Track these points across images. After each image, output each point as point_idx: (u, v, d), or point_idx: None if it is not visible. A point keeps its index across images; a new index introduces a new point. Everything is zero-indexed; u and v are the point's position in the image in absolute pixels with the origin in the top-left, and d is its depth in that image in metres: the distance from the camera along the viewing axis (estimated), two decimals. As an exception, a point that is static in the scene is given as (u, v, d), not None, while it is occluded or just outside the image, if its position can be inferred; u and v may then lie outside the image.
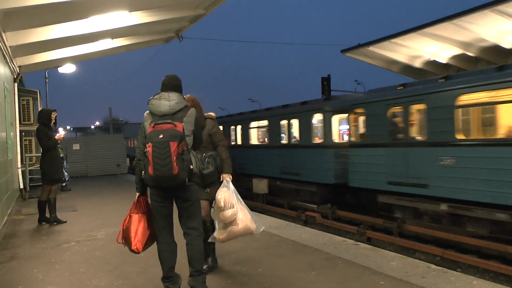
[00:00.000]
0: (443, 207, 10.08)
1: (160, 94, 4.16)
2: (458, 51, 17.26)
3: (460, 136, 9.76)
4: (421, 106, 10.77)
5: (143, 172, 3.97)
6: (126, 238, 4.24)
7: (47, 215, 8.85)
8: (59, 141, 8.98)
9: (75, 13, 8.93)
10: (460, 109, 9.90)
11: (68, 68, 17.31)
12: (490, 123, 10.12)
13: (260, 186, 15.81)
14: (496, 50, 16.04)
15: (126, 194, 13.95)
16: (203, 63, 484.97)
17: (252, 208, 14.79)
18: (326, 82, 23.44)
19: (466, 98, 9.68)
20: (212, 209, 4.78)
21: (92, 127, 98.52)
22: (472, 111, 10.35)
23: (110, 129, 40.73)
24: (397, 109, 11.46)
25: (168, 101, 4.06)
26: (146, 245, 4.26)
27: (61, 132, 17.07)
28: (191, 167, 3.98)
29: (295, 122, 15.87)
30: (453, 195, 9.64)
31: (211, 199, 4.98)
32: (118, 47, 13.63)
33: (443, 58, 18.45)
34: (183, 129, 3.94)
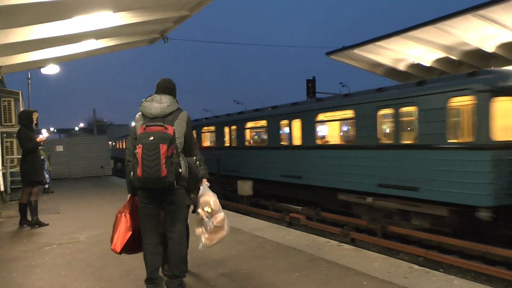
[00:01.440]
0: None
1: (153, 97, 4.19)
2: (441, 54, 17.52)
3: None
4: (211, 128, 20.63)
5: (131, 173, 3.97)
6: (112, 237, 4.27)
7: (29, 217, 8.72)
8: (41, 143, 8.85)
9: (58, 13, 8.80)
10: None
11: (51, 69, 17.00)
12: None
13: (245, 188, 15.80)
14: (478, 54, 16.34)
15: (110, 196, 13.82)
16: (188, 64, 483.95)
17: (236, 210, 14.77)
18: (311, 84, 23.57)
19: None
20: (197, 214, 4.73)
21: (76, 128, 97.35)
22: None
23: (94, 131, 40.28)
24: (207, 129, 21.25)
25: (159, 104, 4.09)
26: (128, 247, 4.24)
27: (44, 134, 16.81)
28: (180, 170, 3.99)
29: None
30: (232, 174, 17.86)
31: (193, 204, 4.97)
32: (102, 48, 13.48)
33: (427, 61, 18.72)
34: (174, 132, 3.95)
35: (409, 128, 10.51)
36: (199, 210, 4.49)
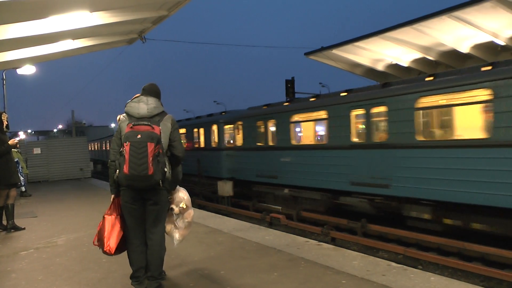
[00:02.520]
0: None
1: (139, 98, 4.26)
2: (418, 55, 17.78)
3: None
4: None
5: (117, 171, 4.01)
6: (100, 240, 4.24)
7: (4, 222, 8.54)
8: (17, 145, 8.69)
9: (33, 12, 8.64)
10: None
11: (27, 70, 16.71)
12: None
13: (225, 188, 15.78)
14: (454, 54, 16.64)
15: (89, 199, 13.65)
16: (168, 65, 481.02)
17: (217, 211, 14.69)
18: (290, 84, 23.63)
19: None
20: (171, 211, 4.71)
21: (55, 130, 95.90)
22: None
23: (73, 132, 39.69)
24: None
25: (146, 105, 4.16)
26: (120, 248, 4.27)
27: (21, 136, 16.48)
28: (165, 170, 4.07)
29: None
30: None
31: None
32: (79, 48, 13.29)
33: (405, 62, 18.97)
34: (160, 133, 4.02)
35: (212, 139, 18.55)
36: (174, 207, 4.50)
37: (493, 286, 7.40)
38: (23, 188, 14.79)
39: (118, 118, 4.89)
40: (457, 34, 15.22)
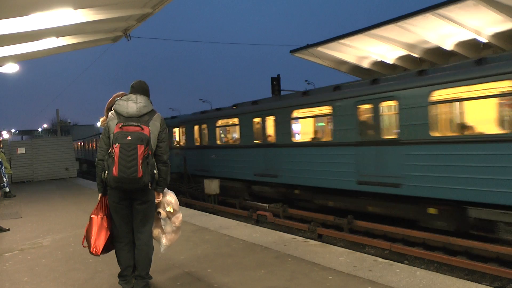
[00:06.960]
0: None
1: (128, 96, 4.19)
2: (403, 52, 17.92)
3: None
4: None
5: (106, 172, 3.96)
6: (87, 240, 4.21)
7: (-12, 223, 8.44)
8: (1, 145, 8.58)
9: (14, 9, 8.48)
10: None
11: (10, 68, 16.42)
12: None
13: (212, 186, 15.70)
14: (438, 51, 16.82)
15: (75, 198, 13.52)
16: (153, 63, 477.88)
17: (203, 209, 14.61)
18: (275, 82, 23.58)
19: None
20: (158, 215, 4.67)
21: (40, 129, 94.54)
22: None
23: (58, 132, 39.17)
24: None
25: (135, 103, 4.09)
26: (107, 247, 4.24)
27: (4, 136, 16.26)
28: (155, 171, 4.05)
29: None
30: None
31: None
32: (63, 46, 13.12)
33: (390, 59, 19.10)
34: (149, 133, 3.98)
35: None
36: (161, 211, 4.43)
37: (477, 279, 7.52)
38: (7, 189, 14.61)
39: (101, 120, 4.86)
40: (441, 31, 15.38)
